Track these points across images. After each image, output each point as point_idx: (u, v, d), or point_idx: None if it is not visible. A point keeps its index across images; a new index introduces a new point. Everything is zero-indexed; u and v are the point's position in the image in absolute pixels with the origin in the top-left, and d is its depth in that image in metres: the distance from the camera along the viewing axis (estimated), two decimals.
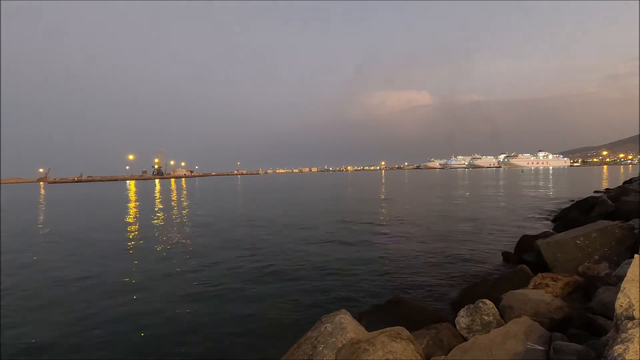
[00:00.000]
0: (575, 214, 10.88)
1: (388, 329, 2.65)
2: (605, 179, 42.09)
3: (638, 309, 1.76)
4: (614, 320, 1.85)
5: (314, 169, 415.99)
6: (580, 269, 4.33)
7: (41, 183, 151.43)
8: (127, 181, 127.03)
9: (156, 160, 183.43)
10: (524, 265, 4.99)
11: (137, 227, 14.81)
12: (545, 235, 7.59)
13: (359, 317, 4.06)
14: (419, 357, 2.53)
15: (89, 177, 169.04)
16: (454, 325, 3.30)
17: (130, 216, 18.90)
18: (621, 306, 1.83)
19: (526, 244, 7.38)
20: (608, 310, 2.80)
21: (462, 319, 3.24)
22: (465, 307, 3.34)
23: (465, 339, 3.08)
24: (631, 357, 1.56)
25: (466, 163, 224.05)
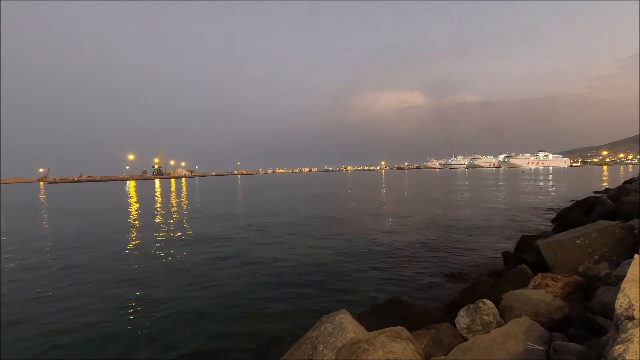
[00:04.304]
0: (575, 214, 10.86)
1: (388, 329, 2.65)
2: (605, 179, 42.08)
3: (638, 309, 1.76)
4: (614, 320, 1.85)
5: (314, 169, 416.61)
6: (580, 269, 4.33)
7: (41, 183, 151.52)
8: (127, 181, 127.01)
9: (156, 160, 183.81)
10: (524, 265, 4.98)
11: (136, 228, 14.81)
12: (545, 235, 7.58)
13: (359, 317, 4.05)
14: (419, 357, 2.53)
15: (89, 177, 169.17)
16: (454, 325, 3.30)
17: (131, 217, 18.90)
18: (621, 306, 1.82)
19: (526, 244, 7.37)
20: (608, 310, 2.79)
21: (462, 319, 3.24)
22: (465, 307, 3.33)
23: (465, 339, 3.07)
24: (631, 357, 1.56)
25: (466, 163, 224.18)
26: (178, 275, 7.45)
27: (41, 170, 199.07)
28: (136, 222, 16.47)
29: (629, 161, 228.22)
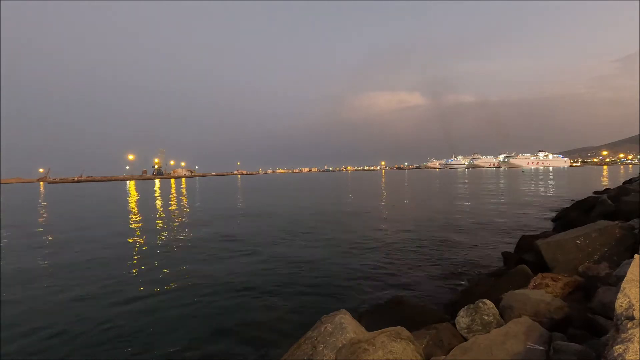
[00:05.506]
0: (575, 214, 10.87)
1: (388, 329, 2.65)
2: (605, 179, 42.07)
3: (638, 309, 1.76)
4: (614, 320, 1.85)
5: (314, 169, 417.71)
6: (580, 269, 4.33)
7: (41, 183, 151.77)
8: (127, 181, 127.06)
9: (156, 160, 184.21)
10: (524, 265, 4.98)
11: (137, 227, 14.80)
12: (545, 235, 7.58)
13: (359, 317, 4.05)
14: (419, 357, 2.53)
15: (89, 177, 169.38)
16: (454, 325, 3.30)
17: (131, 217, 18.90)
18: (621, 306, 1.83)
19: (526, 244, 7.37)
20: (608, 310, 2.79)
21: (462, 319, 3.24)
22: (465, 307, 3.33)
23: (465, 339, 3.07)
24: (631, 357, 1.56)
25: (466, 163, 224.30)
26: (177, 275, 7.45)
27: (41, 170, 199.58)
28: (135, 222, 16.47)
29: (629, 161, 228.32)
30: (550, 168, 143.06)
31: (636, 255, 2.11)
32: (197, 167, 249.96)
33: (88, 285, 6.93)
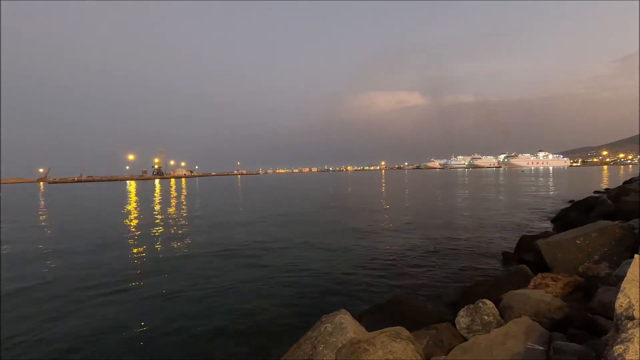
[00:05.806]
0: (575, 214, 10.88)
1: (388, 329, 2.66)
2: (605, 179, 42.07)
3: (638, 309, 1.76)
4: (614, 320, 1.85)
5: (314, 169, 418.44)
6: (580, 269, 4.33)
7: (41, 183, 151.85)
8: (127, 181, 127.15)
9: (156, 160, 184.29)
10: (524, 265, 4.99)
11: (136, 227, 14.80)
12: (545, 235, 7.59)
13: (359, 317, 4.06)
14: (419, 357, 2.53)
15: (89, 177, 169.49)
16: (454, 325, 3.30)
17: (131, 217, 18.90)
18: (621, 306, 1.83)
19: (526, 244, 7.38)
20: (608, 310, 2.79)
21: (462, 319, 3.24)
22: (465, 307, 3.33)
23: (465, 339, 3.08)
24: (631, 357, 1.56)
25: (466, 163, 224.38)
26: (175, 276, 7.45)
27: (41, 170, 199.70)
28: (135, 221, 16.47)
29: (629, 161, 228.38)
30: (550, 168, 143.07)
31: (636, 255, 2.12)
32: (197, 167, 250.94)
33: (84, 285, 6.93)
